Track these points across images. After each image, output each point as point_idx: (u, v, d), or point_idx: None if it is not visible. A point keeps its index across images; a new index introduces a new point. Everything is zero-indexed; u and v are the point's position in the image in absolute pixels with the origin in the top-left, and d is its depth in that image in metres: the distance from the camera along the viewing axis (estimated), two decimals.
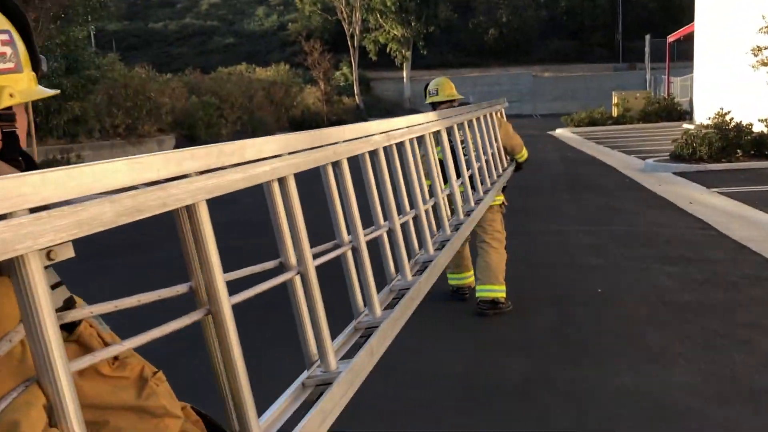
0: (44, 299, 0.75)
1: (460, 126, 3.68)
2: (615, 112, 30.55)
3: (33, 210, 0.72)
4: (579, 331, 4.81)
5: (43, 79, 1.08)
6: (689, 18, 47.38)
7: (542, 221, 9.02)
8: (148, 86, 18.24)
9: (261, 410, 1.25)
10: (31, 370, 0.78)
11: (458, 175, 3.37)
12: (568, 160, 16.90)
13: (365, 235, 1.92)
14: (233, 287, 1.15)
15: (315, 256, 1.56)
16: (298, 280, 1.48)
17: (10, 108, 0.96)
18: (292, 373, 1.53)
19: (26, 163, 1.00)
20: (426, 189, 2.62)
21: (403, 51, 44.97)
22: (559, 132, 27.08)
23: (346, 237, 1.82)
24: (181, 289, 1.06)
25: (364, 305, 1.92)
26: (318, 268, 1.53)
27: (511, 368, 4.23)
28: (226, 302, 1.08)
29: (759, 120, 14.32)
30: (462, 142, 3.66)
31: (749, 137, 13.78)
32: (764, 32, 15.27)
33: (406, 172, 2.47)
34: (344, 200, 1.82)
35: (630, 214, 9.27)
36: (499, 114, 5.38)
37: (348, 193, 1.84)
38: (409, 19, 43.56)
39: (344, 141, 1.81)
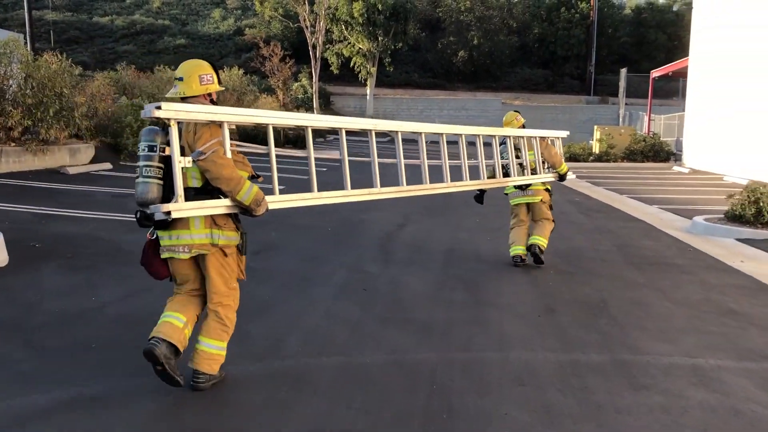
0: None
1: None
2: (596, 148, 27.92)
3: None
4: None
5: None
6: (666, 55, 45.82)
7: (649, 338, 5.48)
8: (60, 80, 14.06)
9: None
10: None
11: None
12: (582, 207, 13.72)
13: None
14: None
15: None
16: None
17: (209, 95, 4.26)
18: None
19: None
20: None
21: (368, 66, 41.68)
22: None
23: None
24: None
25: None
26: None
27: None
28: None
29: None
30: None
31: None
32: None
33: None
34: None
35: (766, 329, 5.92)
36: (548, 140, 8.51)
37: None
38: (376, 34, 40.33)
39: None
